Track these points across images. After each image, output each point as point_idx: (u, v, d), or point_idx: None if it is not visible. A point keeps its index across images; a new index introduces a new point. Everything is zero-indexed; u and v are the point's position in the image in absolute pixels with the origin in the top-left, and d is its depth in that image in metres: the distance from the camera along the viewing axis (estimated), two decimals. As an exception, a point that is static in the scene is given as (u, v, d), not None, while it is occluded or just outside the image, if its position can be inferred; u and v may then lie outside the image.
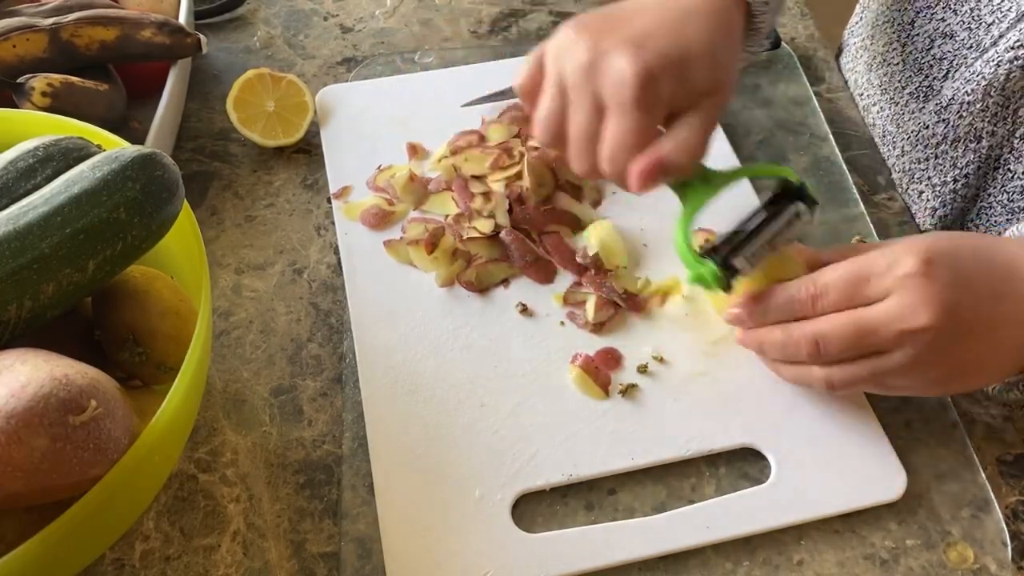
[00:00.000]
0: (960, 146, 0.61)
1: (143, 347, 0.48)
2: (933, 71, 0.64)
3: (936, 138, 0.62)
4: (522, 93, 0.54)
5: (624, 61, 0.47)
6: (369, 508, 0.52)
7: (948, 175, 0.62)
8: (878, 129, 0.72)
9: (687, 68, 0.49)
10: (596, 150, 0.50)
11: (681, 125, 0.49)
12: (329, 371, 0.58)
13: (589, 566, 0.49)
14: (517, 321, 0.59)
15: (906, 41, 0.66)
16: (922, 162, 0.65)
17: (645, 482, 0.53)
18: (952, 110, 0.60)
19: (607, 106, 0.49)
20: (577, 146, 0.51)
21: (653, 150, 0.48)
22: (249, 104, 0.70)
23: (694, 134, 0.49)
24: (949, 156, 0.62)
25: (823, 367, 0.50)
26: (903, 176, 0.68)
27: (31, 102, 0.61)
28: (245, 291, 0.62)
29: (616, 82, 0.48)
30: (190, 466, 0.54)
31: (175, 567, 0.50)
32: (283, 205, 0.68)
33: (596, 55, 0.48)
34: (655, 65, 0.47)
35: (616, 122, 0.48)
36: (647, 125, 0.48)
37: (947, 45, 0.62)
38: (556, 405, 0.55)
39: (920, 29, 0.65)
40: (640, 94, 0.47)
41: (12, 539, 0.41)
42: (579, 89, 0.49)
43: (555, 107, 0.51)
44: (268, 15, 0.82)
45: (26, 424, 0.38)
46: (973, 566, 0.50)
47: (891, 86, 0.69)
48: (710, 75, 0.50)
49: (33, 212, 0.43)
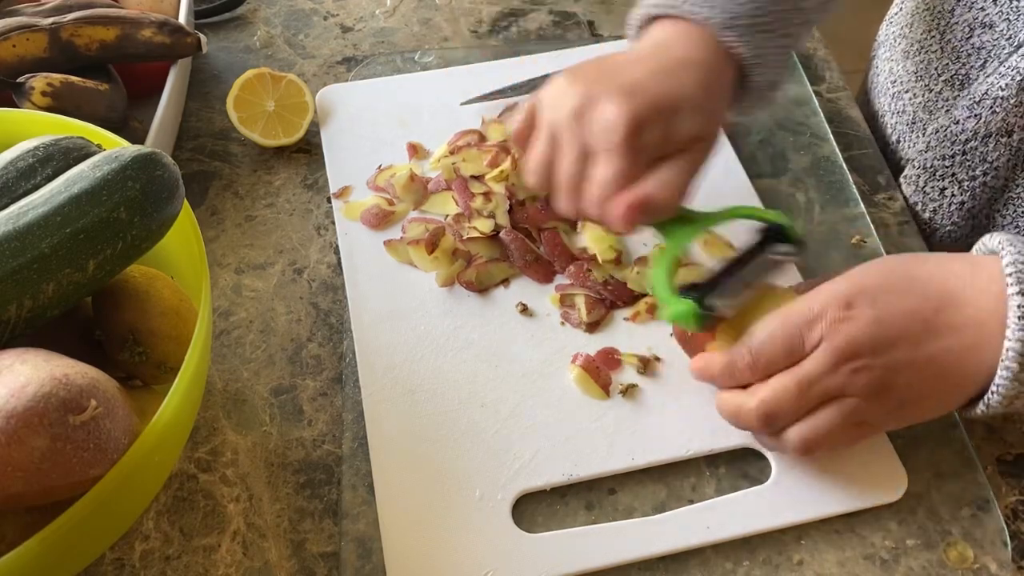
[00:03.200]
0: (991, 141, 0.61)
1: (143, 347, 0.48)
2: (971, 60, 0.64)
3: (966, 134, 0.62)
4: (515, 139, 0.56)
5: (613, 108, 0.49)
6: (369, 508, 0.52)
7: (977, 170, 0.62)
8: (907, 116, 0.72)
9: (675, 116, 0.50)
10: (582, 193, 0.51)
11: (666, 166, 0.50)
12: (329, 371, 0.58)
13: (589, 566, 0.49)
14: (517, 321, 0.59)
15: (944, 29, 0.66)
16: (947, 159, 0.64)
17: (645, 482, 0.53)
18: (985, 105, 0.60)
19: (595, 151, 0.50)
20: (564, 189, 0.52)
21: (638, 188, 0.49)
22: (249, 104, 0.70)
23: (678, 175, 0.50)
24: (979, 152, 0.62)
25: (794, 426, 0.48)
26: (922, 173, 0.67)
27: (31, 102, 0.61)
28: (245, 291, 0.62)
29: (605, 128, 0.49)
30: (190, 466, 0.54)
31: (175, 567, 0.50)
32: (283, 205, 0.67)
33: (586, 101, 0.50)
34: (643, 112, 0.49)
35: (603, 166, 0.50)
36: (632, 170, 0.49)
37: (986, 35, 0.62)
38: (556, 405, 0.55)
39: (960, 17, 0.65)
40: (627, 140, 0.49)
41: (12, 539, 0.41)
42: (568, 134, 0.51)
43: (545, 153, 0.53)
44: (268, 15, 0.82)
45: (26, 424, 0.38)
46: (973, 566, 0.50)
47: (927, 73, 0.69)
48: (697, 124, 0.51)
49: (33, 212, 0.43)
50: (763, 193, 0.67)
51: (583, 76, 0.52)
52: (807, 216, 0.66)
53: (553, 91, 0.53)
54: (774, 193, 0.68)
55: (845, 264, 0.63)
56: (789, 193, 0.68)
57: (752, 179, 0.67)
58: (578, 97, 0.50)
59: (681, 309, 0.50)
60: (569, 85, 0.51)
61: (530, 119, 0.54)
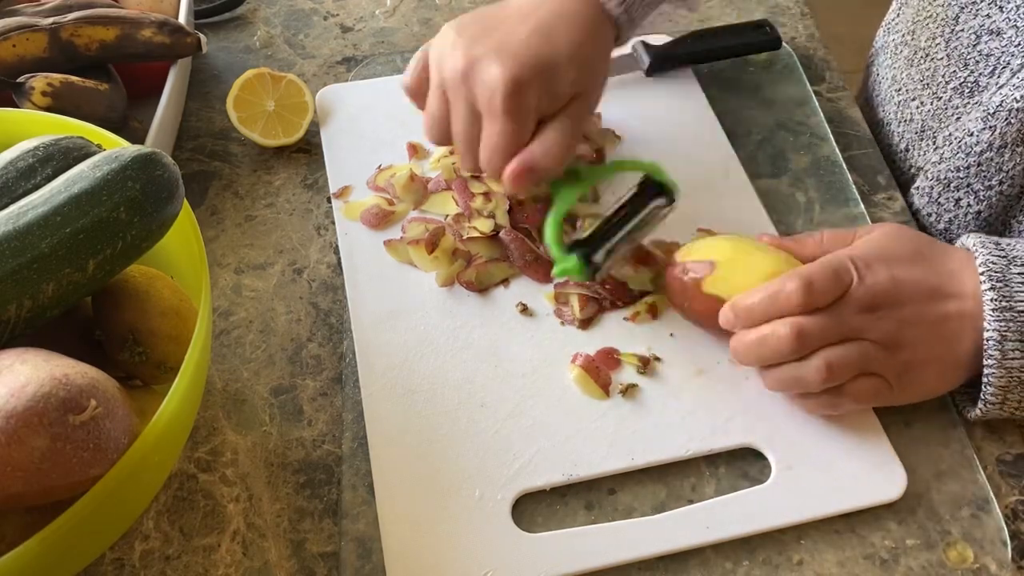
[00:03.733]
0: (1007, 152, 0.61)
1: (143, 347, 0.48)
2: (979, 67, 0.64)
3: (981, 145, 0.62)
4: (409, 93, 0.59)
5: (495, 70, 0.51)
6: (369, 508, 0.52)
7: (993, 180, 0.63)
8: (915, 125, 0.71)
9: (555, 75, 0.52)
10: (478, 152, 0.54)
11: (548, 130, 0.53)
12: (329, 371, 0.58)
13: (589, 566, 0.49)
14: (517, 321, 0.59)
15: (950, 37, 0.66)
16: (962, 170, 0.64)
17: (645, 482, 0.53)
18: (1000, 117, 0.60)
19: (481, 112, 0.53)
20: (461, 148, 0.55)
21: (522, 155, 0.53)
22: (249, 104, 0.70)
23: (561, 137, 0.53)
24: (995, 163, 0.62)
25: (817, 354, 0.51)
26: (935, 185, 0.67)
27: (31, 102, 0.61)
28: (245, 291, 0.62)
29: (488, 89, 0.52)
30: (190, 466, 0.54)
31: (175, 567, 0.50)
32: (283, 205, 0.68)
33: (470, 61, 0.52)
34: (524, 74, 0.51)
35: (488, 128, 0.53)
36: (517, 130, 0.52)
37: (994, 42, 0.62)
38: (556, 405, 0.55)
39: (965, 25, 0.65)
40: (509, 102, 0.51)
41: (12, 539, 0.41)
42: (456, 94, 0.54)
43: (440, 109, 0.55)
44: (268, 15, 0.82)
45: (26, 424, 0.38)
46: (973, 566, 0.50)
47: (934, 81, 0.68)
48: (577, 80, 0.53)
49: (33, 211, 0.43)
50: (763, 193, 0.66)
51: (468, 32, 0.54)
52: (807, 216, 0.67)
53: (441, 44, 0.55)
54: (774, 193, 0.68)
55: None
56: (789, 193, 0.68)
57: (752, 179, 0.67)
58: (463, 58, 0.52)
59: (568, 265, 0.55)
60: (455, 41, 0.53)
61: (422, 72, 0.56)
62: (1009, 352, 0.49)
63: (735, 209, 0.65)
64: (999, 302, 0.50)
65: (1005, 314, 0.49)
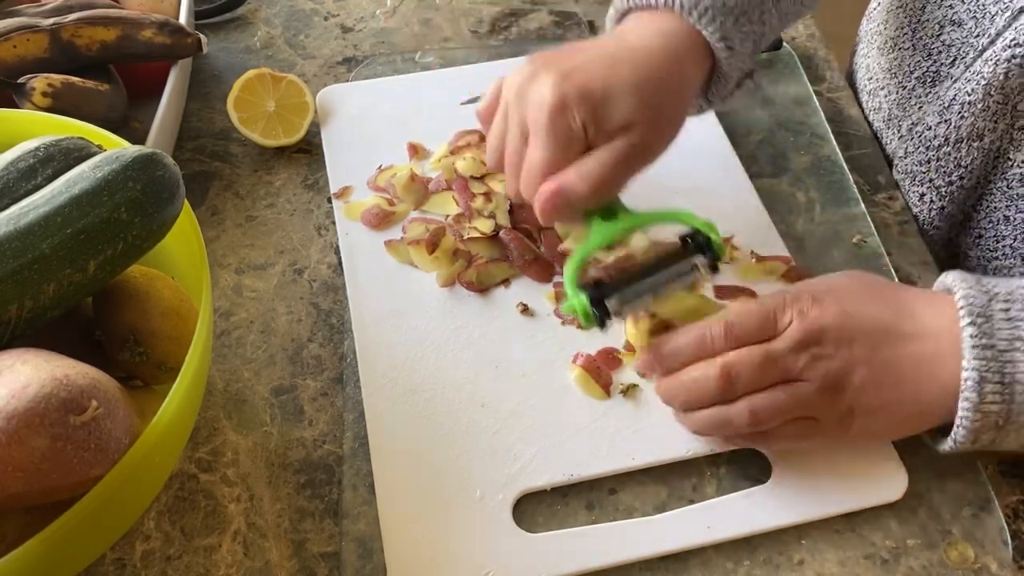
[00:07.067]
0: (963, 146, 0.61)
1: (144, 347, 0.48)
2: (941, 57, 0.64)
3: (938, 140, 0.63)
4: (481, 119, 0.56)
5: (545, 89, 0.49)
6: (370, 508, 0.52)
7: (953, 175, 0.63)
8: (883, 113, 0.72)
9: (608, 102, 0.49)
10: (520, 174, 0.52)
11: (590, 156, 0.50)
12: (330, 371, 0.58)
13: (590, 566, 0.49)
14: (518, 321, 0.59)
15: (916, 27, 0.67)
16: (923, 164, 0.65)
17: (646, 482, 0.53)
18: (954, 111, 0.60)
19: (528, 131, 0.51)
20: (507, 171, 0.53)
21: (556, 176, 0.49)
22: (249, 104, 0.70)
23: (600, 165, 0.49)
24: (952, 157, 0.62)
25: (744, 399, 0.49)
26: (905, 177, 0.68)
27: (32, 102, 0.61)
28: (246, 291, 0.62)
29: (535, 108, 0.50)
30: (191, 466, 0.54)
31: (176, 567, 0.50)
32: (284, 205, 0.68)
33: (527, 80, 0.50)
34: (570, 94, 0.49)
35: (530, 149, 0.50)
36: (557, 152, 0.49)
37: (955, 33, 0.62)
38: (557, 405, 0.55)
39: (930, 15, 0.65)
40: (552, 122, 0.49)
41: (12, 539, 0.41)
42: (512, 115, 0.52)
43: (500, 129, 0.53)
44: (268, 15, 0.82)
45: (27, 424, 0.38)
46: (974, 566, 0.50)
47: (900, 70, 0.69)
48: (633, 112, 0.50)
49: (34, 212, 0.43)
50: (763, 193, 0.66)
51: (540, 58, 0.52)
52: (807, 216, 0.67)
53: (514, 72, 0.53)
54: (774, 193, 0.68)
55: (845, 264, 0.63)
56: (789, 193, 0.68)
57: (752, 179, 0.67)
58: (525, 76, 0.51)
59: (573, 303, 0.50)
60: (524, 65, 0.52)
61: (495, 99, 0.55)
62: (988, 395, 0.45)
63: (735, 209, 0.65)
64: (979, 339, 0.46)
65: (986, 352, 0.45)
